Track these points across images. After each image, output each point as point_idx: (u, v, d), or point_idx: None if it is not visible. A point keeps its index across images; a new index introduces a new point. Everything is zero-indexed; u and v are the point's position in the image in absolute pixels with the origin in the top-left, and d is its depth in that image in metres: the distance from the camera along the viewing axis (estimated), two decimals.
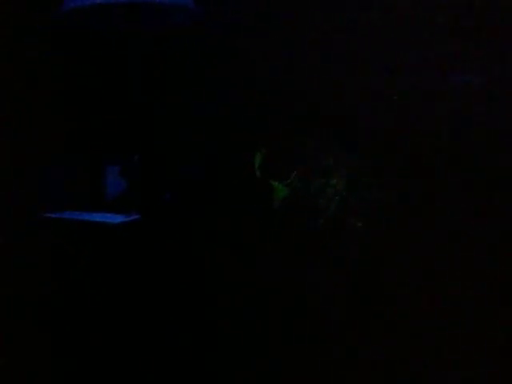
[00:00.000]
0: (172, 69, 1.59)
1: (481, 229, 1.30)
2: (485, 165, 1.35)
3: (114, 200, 1.71)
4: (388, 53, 1.41)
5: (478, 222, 1.31)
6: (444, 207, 1.34)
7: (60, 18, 1.54)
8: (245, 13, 1.52)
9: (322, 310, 1.31)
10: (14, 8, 1.56)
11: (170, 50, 1.60)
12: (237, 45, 1.53)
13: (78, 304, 1.46)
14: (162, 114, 1.61)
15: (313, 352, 1.24)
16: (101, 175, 1.72)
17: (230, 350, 1.28)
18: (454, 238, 1.31)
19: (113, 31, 1.62)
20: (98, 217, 1.64)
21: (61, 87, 1.61)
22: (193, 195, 1.56)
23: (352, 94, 1.41)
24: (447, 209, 1.34)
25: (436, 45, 1.38)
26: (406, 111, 1.43)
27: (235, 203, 1.44)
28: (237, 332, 1.32)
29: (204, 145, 1.55)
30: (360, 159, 1.35)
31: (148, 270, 1.49)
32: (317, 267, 1.33)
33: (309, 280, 1.33)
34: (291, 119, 1.41)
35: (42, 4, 1.61)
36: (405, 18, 1.39)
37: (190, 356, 1.32)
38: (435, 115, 1.41)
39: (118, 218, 1.64)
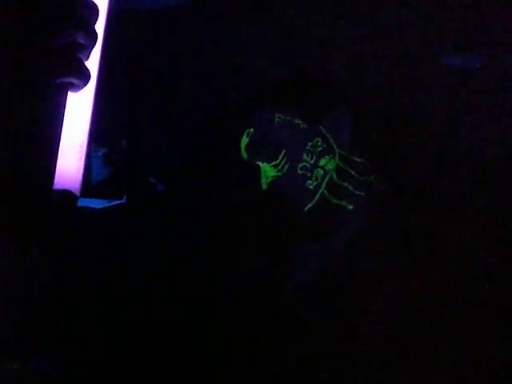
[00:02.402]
0: (158, 51, 1.55)
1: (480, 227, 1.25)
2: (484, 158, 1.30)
3: (99, 184, 1.67)
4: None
5: (479, 218, 1.26)
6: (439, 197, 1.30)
7: None
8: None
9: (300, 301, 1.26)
10: None
11: (158, 33, 1.55)
12: (228, 27, 1.48)
13: (63, 292, 1.42)
14: (148, 98, 1.57)
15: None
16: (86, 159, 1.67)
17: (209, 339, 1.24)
18: (448, 231, 1.27)
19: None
20: (81, 202, 1.61)
21: None
22: (178, 179, 1.52)
23: (340, 71, 1.37)
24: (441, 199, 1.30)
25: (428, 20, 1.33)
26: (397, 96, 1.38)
27: (222, 185, 1.40)
28: (217, 322, 1.27)
29: (189, 128, 1.51)
30: (351, 140, 1.31)
31: (133, 255, 1.45)
32: (302, 254, 1.28)
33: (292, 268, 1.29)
34: (279, 98, 1.36)
35: None
36: None
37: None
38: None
39: (102, 203, 1.60)
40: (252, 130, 1.32)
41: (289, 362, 1.21)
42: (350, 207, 1.27)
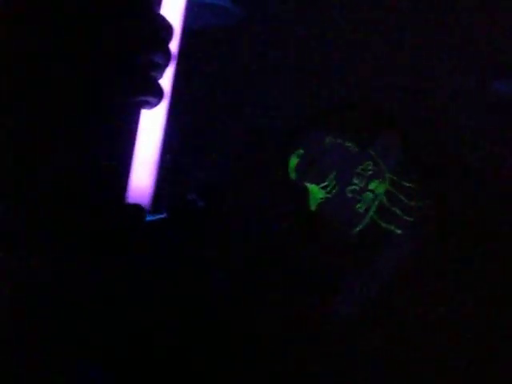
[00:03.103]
0: (206, 70, 1.56)
1: None
2: None
3: None
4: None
5: None
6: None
7: None
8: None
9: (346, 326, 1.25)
10: None
11: (206, 52, 1.57)
12: (274, 47, 1.49)
13: (98, 304, 1.42)
14: (194, 114, 1.57)
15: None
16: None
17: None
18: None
19: None
20: None
21: None
22: (222, 197, 1.52)
23: (392, 96, 1.37)
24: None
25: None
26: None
27: (269, 205, 1.40)
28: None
29: (237, 146, 1.52)
30: (401, 164, 1.30)
31: (172, 269, 1.45)
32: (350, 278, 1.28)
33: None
34: (330, 121, 1.36)
35: None
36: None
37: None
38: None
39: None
40: (302, 151, 1.32)
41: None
42: (399, 232, 1.26)
